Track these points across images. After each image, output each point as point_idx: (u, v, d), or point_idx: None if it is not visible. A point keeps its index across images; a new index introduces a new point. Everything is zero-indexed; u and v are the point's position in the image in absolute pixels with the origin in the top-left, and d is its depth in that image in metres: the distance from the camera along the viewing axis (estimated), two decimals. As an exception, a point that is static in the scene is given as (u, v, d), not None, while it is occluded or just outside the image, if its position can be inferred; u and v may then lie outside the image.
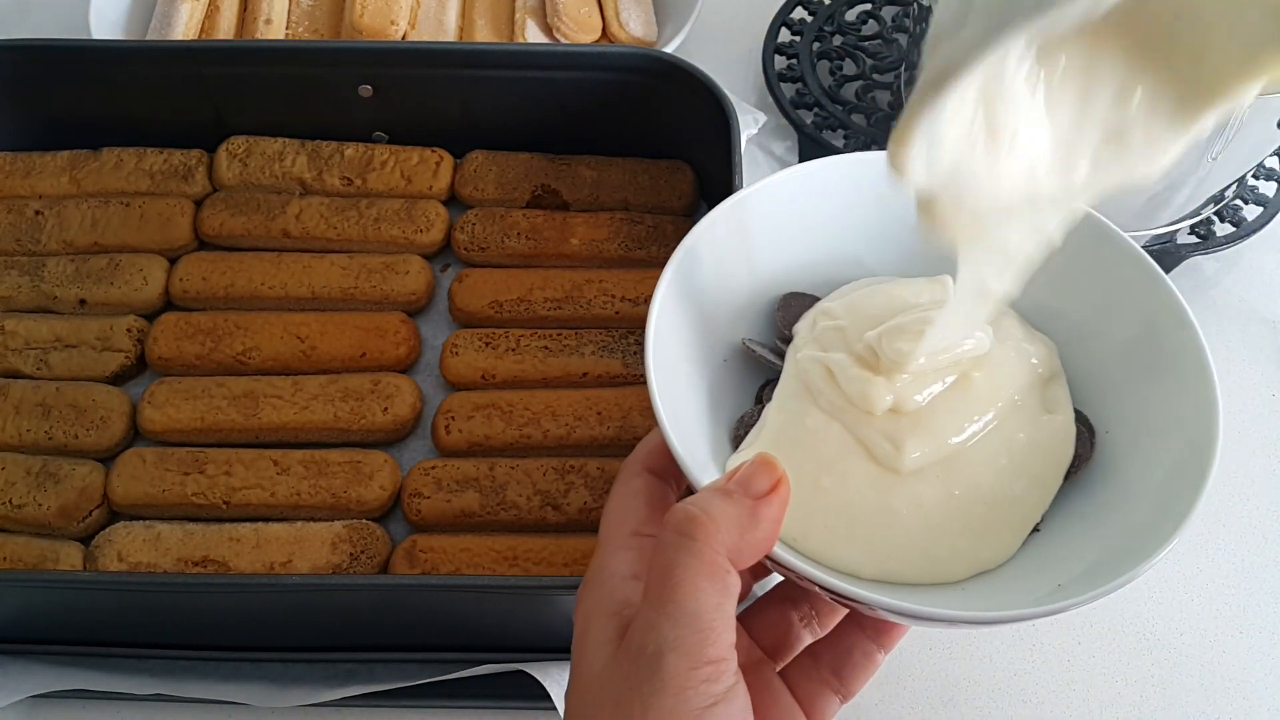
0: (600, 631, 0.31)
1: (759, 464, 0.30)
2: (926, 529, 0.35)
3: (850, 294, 0.40)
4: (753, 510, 0.30)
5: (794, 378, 0.37)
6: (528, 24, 0.77)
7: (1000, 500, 0.36)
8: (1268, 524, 0.61)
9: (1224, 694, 0.56)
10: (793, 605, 0.37)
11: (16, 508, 0.55)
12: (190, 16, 0.74)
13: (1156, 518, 0.33)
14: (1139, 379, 0.37)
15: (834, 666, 0.36)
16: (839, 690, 0.36)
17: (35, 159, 0.67)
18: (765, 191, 0.39)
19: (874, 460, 0.35)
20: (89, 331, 0.61)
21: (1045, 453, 0.36)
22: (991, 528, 0.35)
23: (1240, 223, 0.71)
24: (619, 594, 0.31)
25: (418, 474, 0.56)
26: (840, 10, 0.82)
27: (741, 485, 0.30)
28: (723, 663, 0.28)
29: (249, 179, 0.66)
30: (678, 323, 0.37)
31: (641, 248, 0.64)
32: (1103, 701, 0.55)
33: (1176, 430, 0.35)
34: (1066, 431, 0.37)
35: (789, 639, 0.37)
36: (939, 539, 0.35)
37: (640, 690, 0.28)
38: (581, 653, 0.31)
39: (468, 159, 0.67)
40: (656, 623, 0.28)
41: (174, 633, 0.53)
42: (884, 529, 0.35)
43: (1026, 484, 0.36)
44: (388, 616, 0.52)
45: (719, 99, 0.61)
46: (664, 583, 0.28)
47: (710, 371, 0.39)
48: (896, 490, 0.35)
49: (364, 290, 0.62)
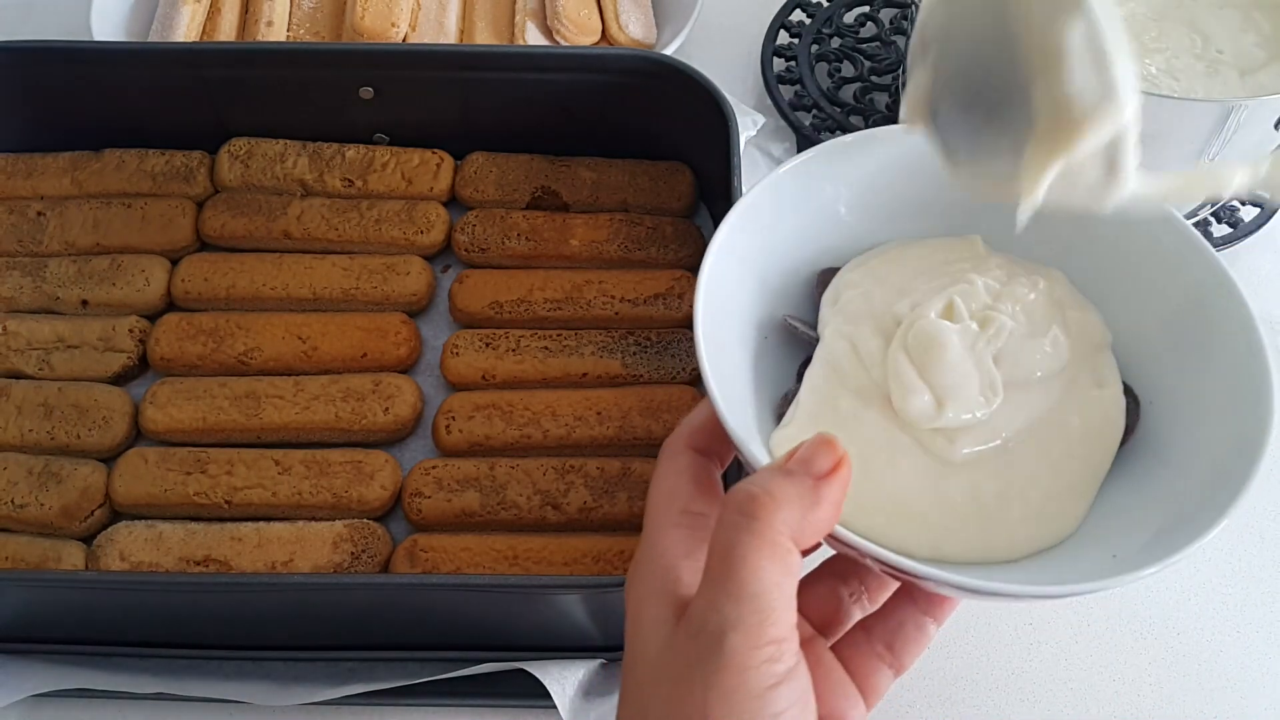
0: (657, 611, 0.30)
1: (820, 443, 0.30)
2: (983, 515, 0.35)
3: (871, 260, 0.40)
4: (815, 489, 0.29)
5: (823, 358, 0.37)
6: (528, 26, 0.77)
7: (1057, 485, 0.35)
8: (1265, 523, 0.61)
9: (1221, 693, 0.56)
10: (842, 581, 0.37)
11: (19, 508, 0.55)
12: (192, 18, 0.75)
13: (1211, 491, 0.33)
14: (1185, 351, 0.37)
15: (887, 640, 0.36)
16: (892, 664, 0.36)
17: (37, 160, 0.67)
18: (805, 167, 0.39)
19: (923, 449, 0.35)
20: (91, 332, 0.61)
21: (1098, 432, 0.36)
22: (1048, 511, 0.35)
23: (1237, 224, 0.71)
24: (673, 573, 0.31)
25: (418, 474, 0.56)
26: (839, 13, 0.82)
27: (803, 464, 0.30)
28: (785, 642, 0.28)
29: (250, 180, 0.66)
30: (723, 299, 0.36)
31: (641, 249, 0.64)
32: (1101, 700, 0.56)
33: (1229, 404, 0.35)
34: (1117, 406, 0.37)
35: (839, 615, 0.36)
36: (996, 524, 0.35)
37: (702, 669, 0.28)
38: (637, 634, 0.30)
39: (468, 160, 0.68)
40: (718, 602, 0.28)
41: (176, 632, 0.53)
42: (938, 515, 0.34)
43: (1081, 466, 0.36)
44: (389, 616, 0.52)
45: (718, 101, 0.61)
46: (725, 562, 0.28)
47: (753, 348, 0.38)
48: (950, 478, 0.35)
49: (365, 291, 0.63)
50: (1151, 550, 0.32)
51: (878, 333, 0.37)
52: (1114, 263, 0.39)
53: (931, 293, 0.37)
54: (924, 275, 0.38)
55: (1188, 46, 0.63)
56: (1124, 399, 0.37)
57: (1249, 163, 0.32)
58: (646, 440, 0.57)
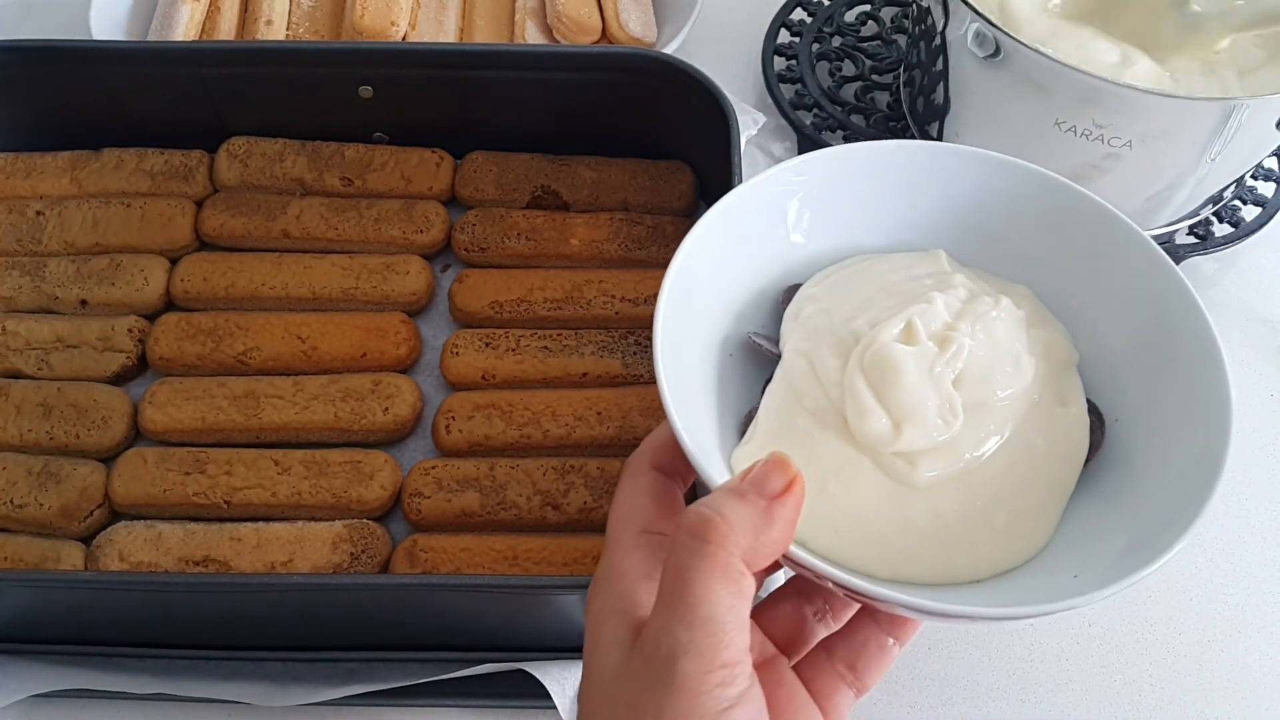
0: (613, 632, 0.30)
1: (773, 464, 0.30)
2: (946, 537, 0.34)
3: (834, 274, 0.39)
4: (767, 511, 0.29)
5: (782, 376, 0.37)
6: (527, 25, 0.77)
7: (1021, 505, 0.35)
8: (1265, 523, 0.61)
9: (1221, 693, 0.56)
10: (806, 600, 0.37)
11: (18, 508, 0.55)
12: (191, 17, 0.75)
13: (1172, 509, 0.33)
14: (1147, 367, 0.37)
15: (849, 660, 0.36)
16: (853, 684, 0.36)
17: (36, 159, 0.67)
18: (768, 183, 0.39)
19: (883, 471, 0.35)
20: (90, 332, 0.61)
21: (1063, 452, 0.36)
22: (1013, 532, 0.35)
23: (1239, 223, 0.71)
24: (630, 595, 0.31)
25: (418, 474, 0.56)
26: (839, 11, 0.82)
27: (755, 485, 0.30)
28: (737, 666, 0.28)
29: (249, 179, 0.66)
30: (685, 317, 0.36)
31: (641, 248, 0.64)
32: (1100, 701, 0.55)
33: (1189, 419, 0.35)
34: (1081, 425, 0.37)
35: (803, 633, 0.36)
36: (959, 546, 0.34)
37: (654, 693, 0.28)
38: (594, 654, 0.31)
39: (468, 159, 0.68)
40: (670, 626, 0.28)
41: (175, 632, 0.53)
42: (899, 537, 0.34)
43: (1046, 486, 0.36)
44: (388, 616, 0.52)
45: (718, 100, 0.61)
46: (677, 586, 0.28)
47: (718, 366, 0.38)
48: (911, 501, 0.34)
49: (364, 290, 0.62)
50: (1114, 571, 0.32)
51: (837, 351, 0.36)
52: (1079, 279, 0.39)
53: (892, 309, 0.37)
54: (886, 291, 0.38)
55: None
56: (1088, 417, 0.37)
57: None
58: (646, 440, 0.57)
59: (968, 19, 0.59)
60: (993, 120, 0.65)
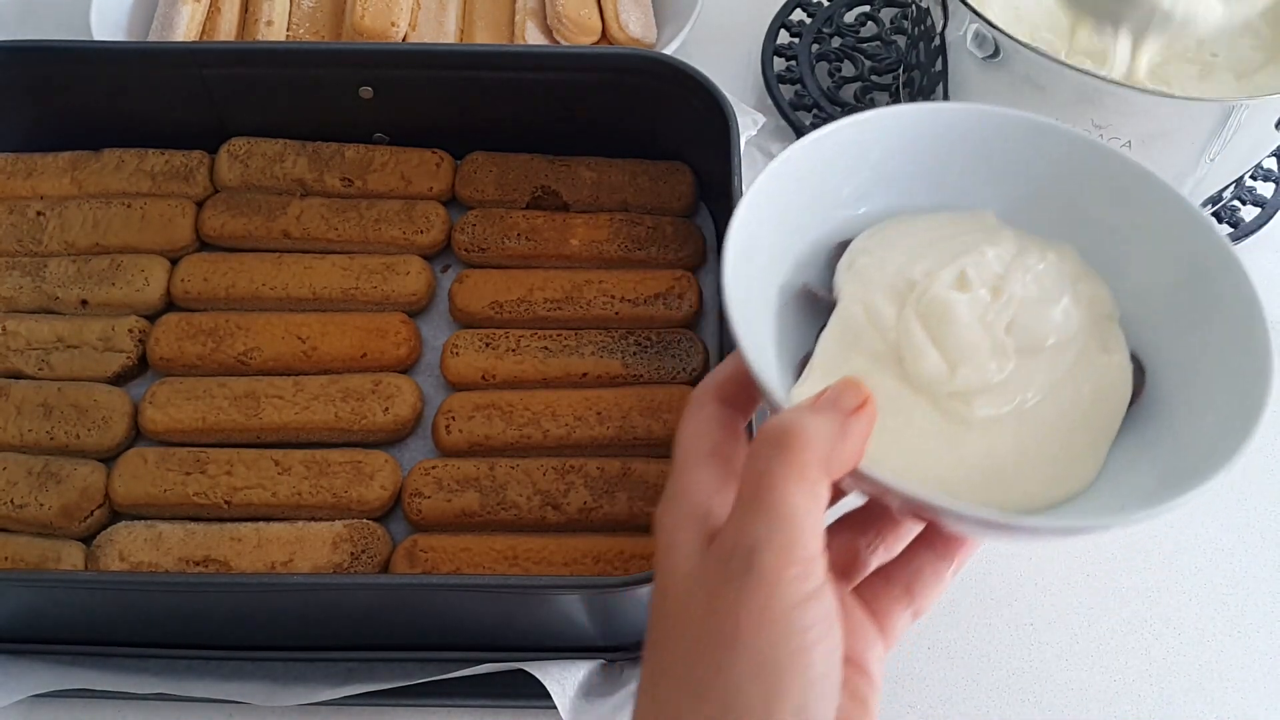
0: (687, 538, 0.32)
1: (846, 384, 0.32)
2: (999, 474, 0.36)
3: (885, 229, 0.41)
4: (843, 425, 0.31)
5: (838, 321, 0.38)
6: (527, 25, 0.77)
7: (1070, 446, 0.37)
8: (1265, 523, 0.61)
9: (1221, 694, 0.56)
10: (859, 533, 0.38)
11: (18, 508, 0.55)
12: (191, 18, 0.75)
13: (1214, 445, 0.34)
14: (1186, 321, 0.38)
15: (905, 583, 0.37)
16: (911, 606, 0.37)
17: (36, 160, 0.67)
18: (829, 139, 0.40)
19: (938, 410, 0.36)
20: (90, 332, 0.61)
21: (1107, 397, 0.38)
22: (1062, 471, 0.36)
23: (1238, 223, 0.71)
24: (703, 506, 0.32)
25: (418, 474, 0.56)
26: (839, 12, 0.82)
27: (831, 401, 0.31)
28: (814, 561, 0.29)
29: (250, 180, 0.66)
30: (748, 262, 0.37)
31: (641, 249, 0.64)
32: (1101, 701, 0.56)
33: (1228, 367, 0.36)
34: (1124, 372, 0.38)
35: (856, 563, 0.38)
36: (1011, 483, 0.36)
37: (734, 585, 0.29)
38: (667, 560, 0.32)
39: (468, 160, 0.68)
40: (749, 523, 0.29)
41: (175, 632, 0.53)
42: (954, 472, 0.35)
43: (1093, 428, 0.37)
44: (388, 616, 0.52)
45: (718, 100, 0.61)
46: (757, 487, 0.30)
47: (775, 313, 0.39)
48: (966, 440, 0.36)
49: (365, 291, 0.63)
50: (1157, 497, 0.33)
51: (891, 298, 0.38)
52: (1119, 237, 0.40)
53: (944, 260, 0.38)
54: (937, 244, 0.40)
55: (1180, 50, 0.62)
56: (1130, 365, 0.38)
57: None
58: (646, 440, 0.57)
59: (967, 19, 0.59)
60: (992, 121, 0.65)
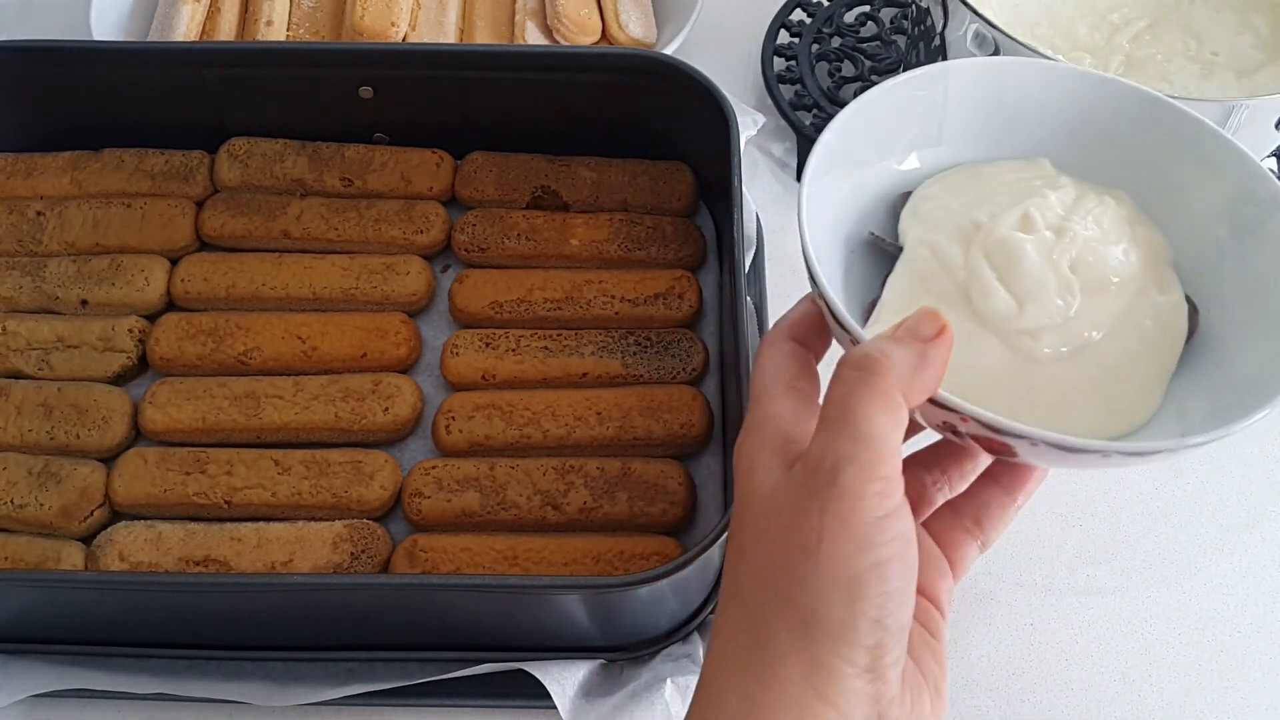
0: (769, 461, 0.33)
1: (924, 314, 0.32)
2: (1065, 406, 0.37)
3: (947, 177, 0.42)
4: (922, 352, 0.32)
5: (905, 265, 0.39)
6: (527, 26, 0.77)
7: (1134, 379, 0.38)
8: (1265, 524, 0.61)
9: (1221, 694, 0.56)
10: (925, 469, 0.39)
11: (18, 508, 0.55)
12: (191, 18, 0.75)
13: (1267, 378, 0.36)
14: (1236, 262, 0.39)
15: (974, 515, 0.38)
16: (979, 538, 0.38)
17: (36, 160, 0.67)
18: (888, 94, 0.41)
19: (1007, 346, 0.37)
20: (90, 332, 0.61)
21: (1167, 334, 0.39)
22: (1126, 404, 0.38)
23: (1238, 224, 0.71)
24: (784, 433, 0.33)
25: (418, 474, 0.56)
26: (839, 12, 0.82)
27: (910, 331, 0.32)
28: (894, 480, 0.30)
29: (250, 180, 0.66)
30: (819, 209, 0.38)
31: (641, 249, 0.64)
32: (1101, 701, 0.56)
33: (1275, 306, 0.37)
34: (1181, 310, 0.39)
35: (924, 498, 0.39)
36: (1077, 414, 0.37)
37: (818, 498, 0.30)
38: (749, 482, 0.33)
39: (468, 160, 0.68)
40: (834, 442, 0.30)
41: (175, 632, 0.53)
42: (1023, 406, 0.36)
43: (1154, 363, 0.38)
44: (388, 616, 0.52)
45: (718, 100, 0.61)
46: (842, 409, 0.31)
47: (842, 261, 0.41)
48: (1034, 373, 0.37)
49: (365, 291, 0.63)
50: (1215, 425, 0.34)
51: (957, 240, 0.39)
52: (1172, 184, 0.41)
53: (1007, 204, 0.40)
54: (999, 190, 0.41)
55: (1181, 49, 0.62)
56: (1186, 305, 0.40)
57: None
58: (646, 440, 0.57)
59: (967, 19, 0.59)
60: (992, 120, 0.65)
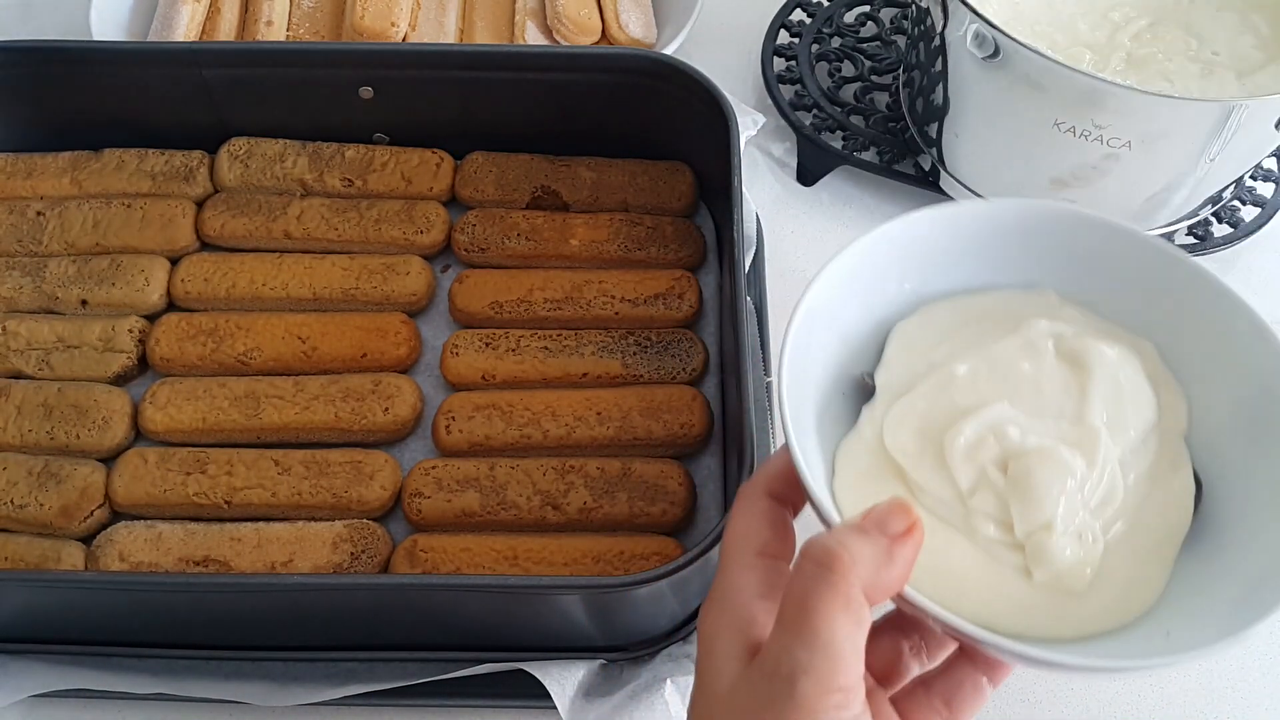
0: (728, 647, 0.32)
1: (895, 506, 0.31)
2: (1053, 611, 0.35)
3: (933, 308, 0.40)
4: (889, 549, 0.30)
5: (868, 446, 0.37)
6: (527, 26, 0.77)
7: (1136, 573, 0.35)
8: (1265, 524, 0.61)
9: (1221, 694, 0.56)
10: (903, 635, 0.38)
11: (18, 508, 0.55)
12: (191, 18, 0.75)
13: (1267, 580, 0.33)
14: (1248, 439, 0.37)
15: (945, 696, 0.37)
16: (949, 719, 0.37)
17: (37, 160, 0.67)
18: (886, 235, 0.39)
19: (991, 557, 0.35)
20: (91, 332, 0.61)
21: (1172, 522, 0.36)
22: (1122, 602, 0.35)
23: (1238, 224, 0.71)
24: (746, 612, 0.32)
25: (418, 474, 0.56)
26: (839, 12, 0.82)
27: (878, 525, 0.31)
28: (853, 691, 0.29)
29: (250, 180, 0.66)
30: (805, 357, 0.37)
31: (641, 249, 0.64)
32: (1101, 701, 0.56)
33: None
34: (1188, 494, 0.37)
35: (898, 667, 0.37)
36: (1065, 616, 0.35)
37: (773, 708, 0.29)
38: (708, 667, 0.32)
39: (468, 160, 0.68)
40: (791, 648, 0.29)
41: (175, 632, 0.53)
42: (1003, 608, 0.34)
43: (1157, 558, 0.36)
44: (388, 616, 0.52)
45: (718, 100, 0.61)
46: (800, 610, 0.30)
47: (828, 402, 0.39)
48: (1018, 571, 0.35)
49: (365, 291, 0.63)
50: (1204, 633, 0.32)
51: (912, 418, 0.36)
52: (1186, 347, 0.39)
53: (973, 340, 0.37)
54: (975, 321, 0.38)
55: (1182, 49, 0.62)
56: (1193, 485, 0.37)
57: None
58: (646, 440, 0.57)
59: (967, 19, 0.59)
60: (992, 121, 0.65)
